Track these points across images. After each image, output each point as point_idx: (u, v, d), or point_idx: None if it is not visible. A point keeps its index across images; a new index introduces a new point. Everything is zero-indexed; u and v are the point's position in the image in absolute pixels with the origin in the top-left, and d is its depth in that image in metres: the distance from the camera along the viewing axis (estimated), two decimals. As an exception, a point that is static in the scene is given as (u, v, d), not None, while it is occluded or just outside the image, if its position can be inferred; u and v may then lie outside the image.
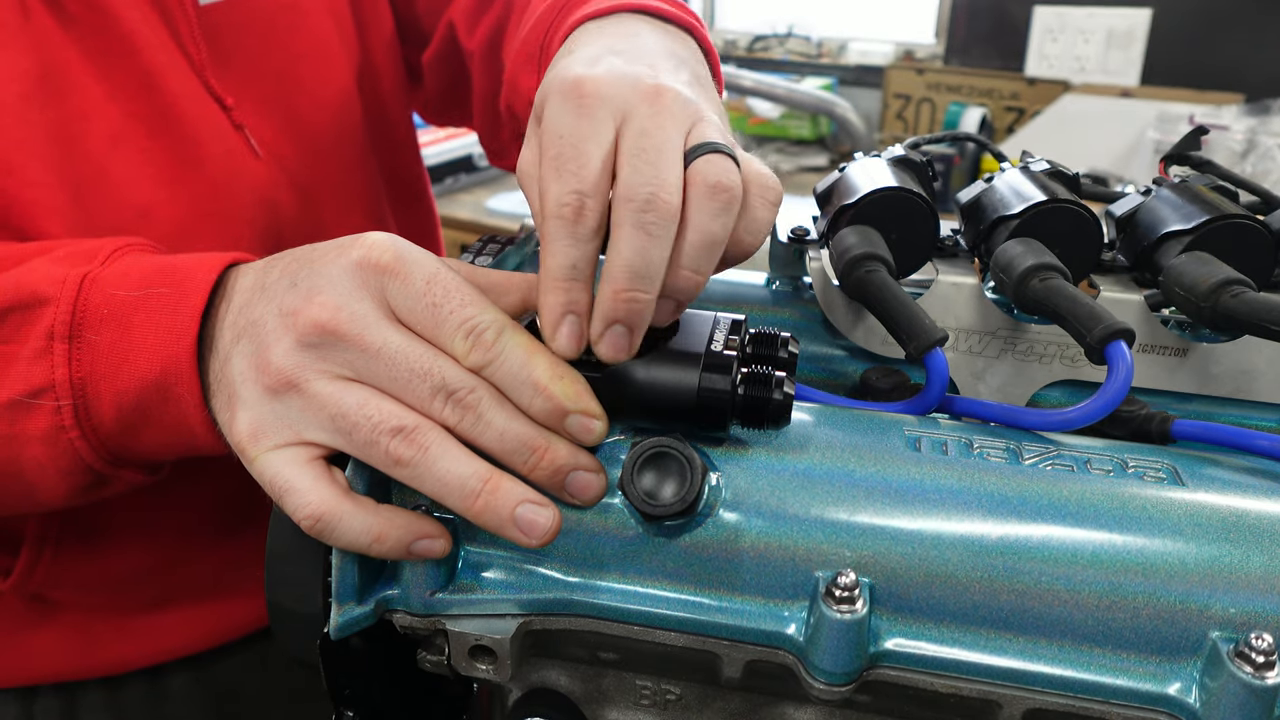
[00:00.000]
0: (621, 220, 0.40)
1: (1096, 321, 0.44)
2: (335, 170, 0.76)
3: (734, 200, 0.42)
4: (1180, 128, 2.00)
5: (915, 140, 0.65)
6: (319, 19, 0.73)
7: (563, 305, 0.40)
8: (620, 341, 0.40)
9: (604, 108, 0.42)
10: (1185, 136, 0.61)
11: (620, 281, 0.39)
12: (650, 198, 0.40)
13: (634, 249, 0.39)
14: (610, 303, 0.40)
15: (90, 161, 0.60)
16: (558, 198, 0.40)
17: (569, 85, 0.43)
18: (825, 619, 0.37)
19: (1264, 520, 0.39)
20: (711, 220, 0.41)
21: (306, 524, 0.41)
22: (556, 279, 0.40)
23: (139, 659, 0.73)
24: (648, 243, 0.39)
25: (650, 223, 0.39)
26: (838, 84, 2.71)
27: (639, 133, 0.41)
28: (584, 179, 0.40)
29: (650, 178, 0.40)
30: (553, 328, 0.41)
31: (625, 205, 0.40)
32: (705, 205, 0.41)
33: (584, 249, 0.40)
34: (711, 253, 0.41)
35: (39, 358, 0.48)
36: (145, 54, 0.62)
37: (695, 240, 0.41)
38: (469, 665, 0.43)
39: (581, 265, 0.40)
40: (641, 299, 0.40)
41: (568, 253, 0.40)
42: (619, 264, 0.39)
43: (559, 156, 0.41)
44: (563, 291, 0.40)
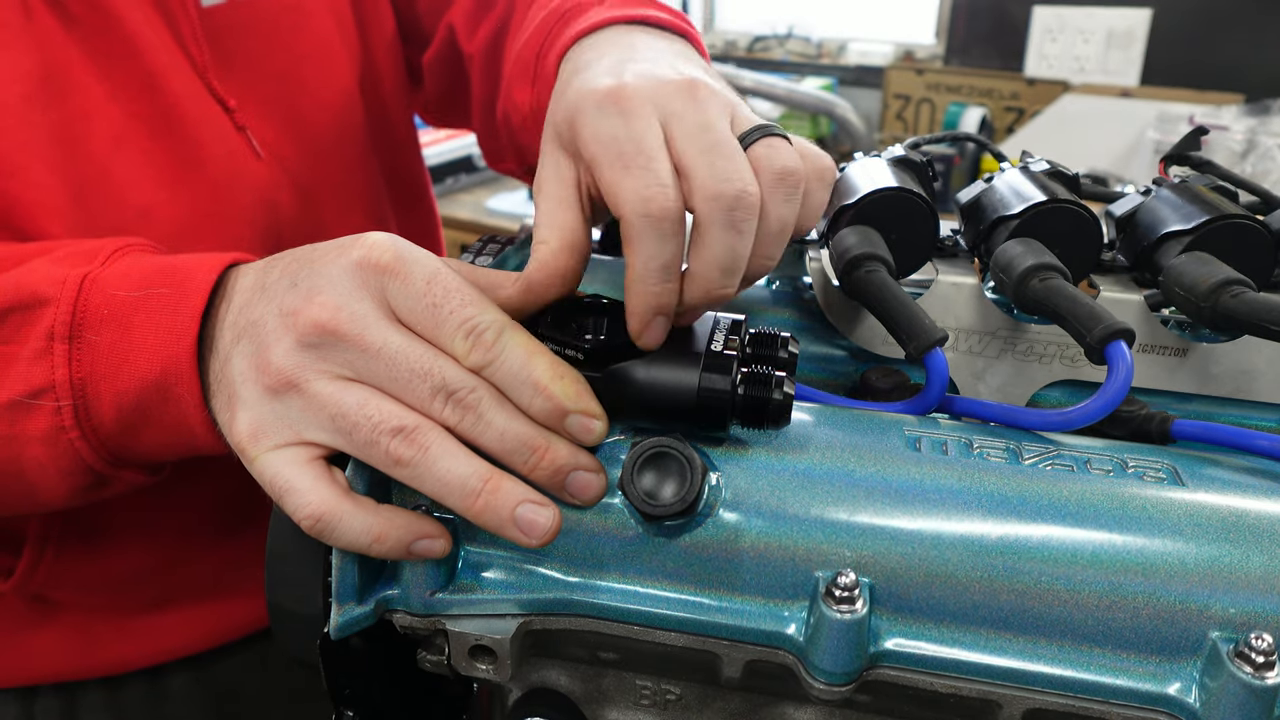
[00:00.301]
0: (711, 219, 0.40)
1: (1096, 321, 0.44)
2: (337, 171, 0.76)
3: (800, 183, 0.42)
4: (1180, 128, 2.00)
5: (915, 140, 0.65)
6: (321, 20, 0.73)
7: (654, 308, 0.41)
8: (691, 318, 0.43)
9: (646, 107, 0.42)
10: (1185, 137, 0.61)
11: (715, 281, 0.40)
12: (740, 194, 0.40)
13: (725, 247, 0.40)
14: (700, 296, 0.41)
15: (92, 162, 0.60)
16: (640, 194, 0.40)
17: (604, 95, 0.43)
18: (825, 619, 0.37)
19: (1264, 520, 0.39)
20: (784, 206, 0.42)
21: (307, 524, 0.41)
22: (649, 281, 0.40)
23: (139, 659, 0.73)
24: (738, 240, 0.40)
25: (741, 220, 0.40)
26: (838, 84, 2.71)
27: (698, 127, 0.41)
28: (659, 173, 0.40)
29: (732, 173, 0.40)
30: (641, 327, 0.41)
31: (713, 203, 0.40)
32: (777, 192, 0.42)
33: (673, 245, 0.41)
34: (785, 238, 0.42)
35: (39, 358, 0.48)
36: (148, 55, 0.62)
37: (772, 229, 0.42)
38: (469, 665, 0.43)
39: (672, 264, 0.41)
40: (730, 293, 0.41)
41: (659, 253, 0.40)
42: (712, 262, 0.40)
43: (622, 155, 0.41)
44: (655, 296, 0.41)
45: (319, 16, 0.73)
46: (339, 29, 0.75)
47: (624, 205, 0.40)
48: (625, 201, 0.40)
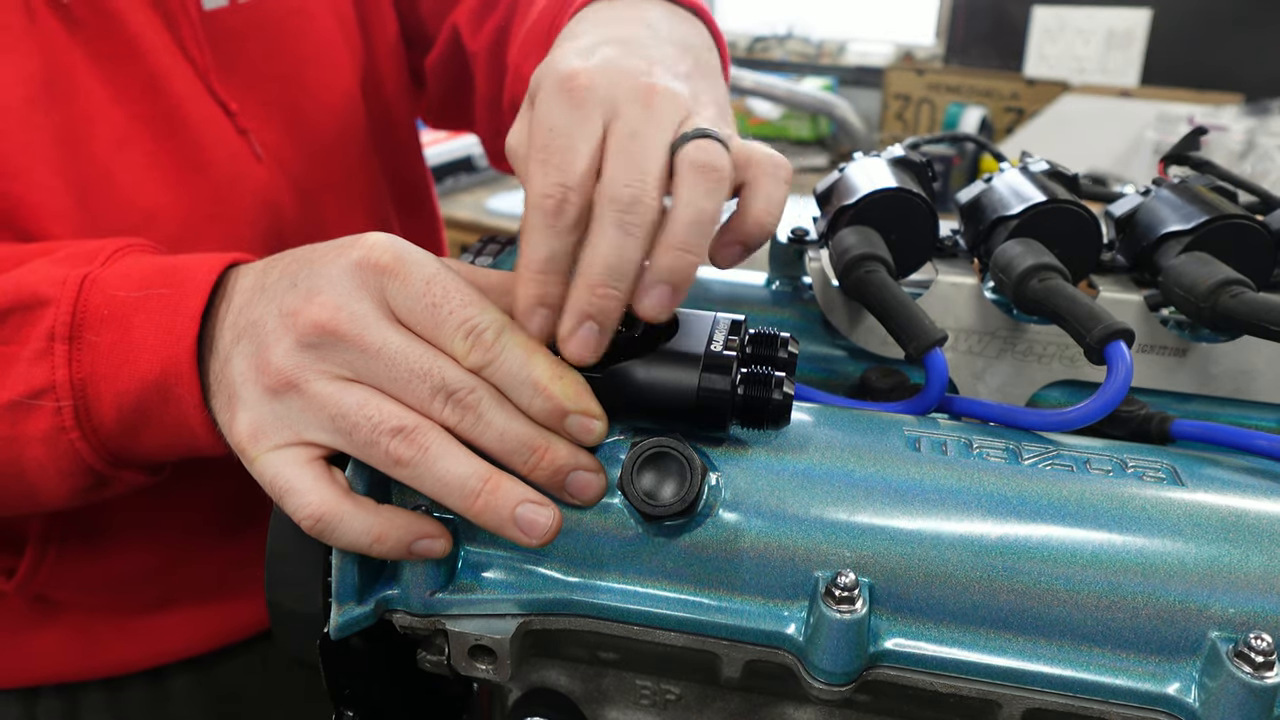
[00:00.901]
0: (602, 218, 0.40)
1: (1096, 321, 0.44)
2: (338, 173, 0.76)
3: (722, 180, 0.42)
4: (1179, 128, 2.01)
5: (915, 140, 0.66)
6: (324, 23, 0.73)
7: (536, 297, 0.41)
8: (590, 340, 0.40)
9: (594, 103, 0.42)
10: (1184, 137, 0.61)
11: (596, 277, 0.40)
12: (633, 199, 0.40)
13: (611, 246, 0.40)
14: (585, 297, 0.40)
15: (96, 164, 0.60)
16: (541, 189, 0.41)
17: (562, 77, 0.43)
18: (825, 619, 0.37)
19: (1263, 520, 0.39)
20: (702, 199, 0.41)
21: (307, 524, 0.41)
22: (532, 270, 0.41)
23: (141, 660, 0.73)
24: (625, 241, 0.40)
25: (630, 222, 0.40)
26: (837, 84, 2.71)
27: (628, 134, 0.42)
28: (568, 173, 0.41)
29: (634, 178, 0.40)
30: (525, 318, 0.41)
31: (608, 204, 0.40)
32: (694, 185, 0.41)
33: (562, 241, 0.41)
34: (702, 231, 0.41)
35: (39, 359, 0.48)
36: (150, 58, 0.62)
37: (685, 216, 0.41)
38: (469, 665, 0.43)
39: (559, 258, 0.41)
40: (616, 297, 0.40)
41: (546, 244, 0.41)
42: (596, 260, 0.40)
43: (546, 148, 0.42)
44: (537, 283, 0.41)
45: (321, 20, 0.73)
46: (342, 32, 0.75)
47: (530, 195, 0.41)
48: (530, 191, 0.41)
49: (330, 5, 0.74)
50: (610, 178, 0.41)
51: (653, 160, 0.41)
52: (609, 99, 0.42)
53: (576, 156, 0.41)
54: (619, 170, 0.41)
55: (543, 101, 0.43)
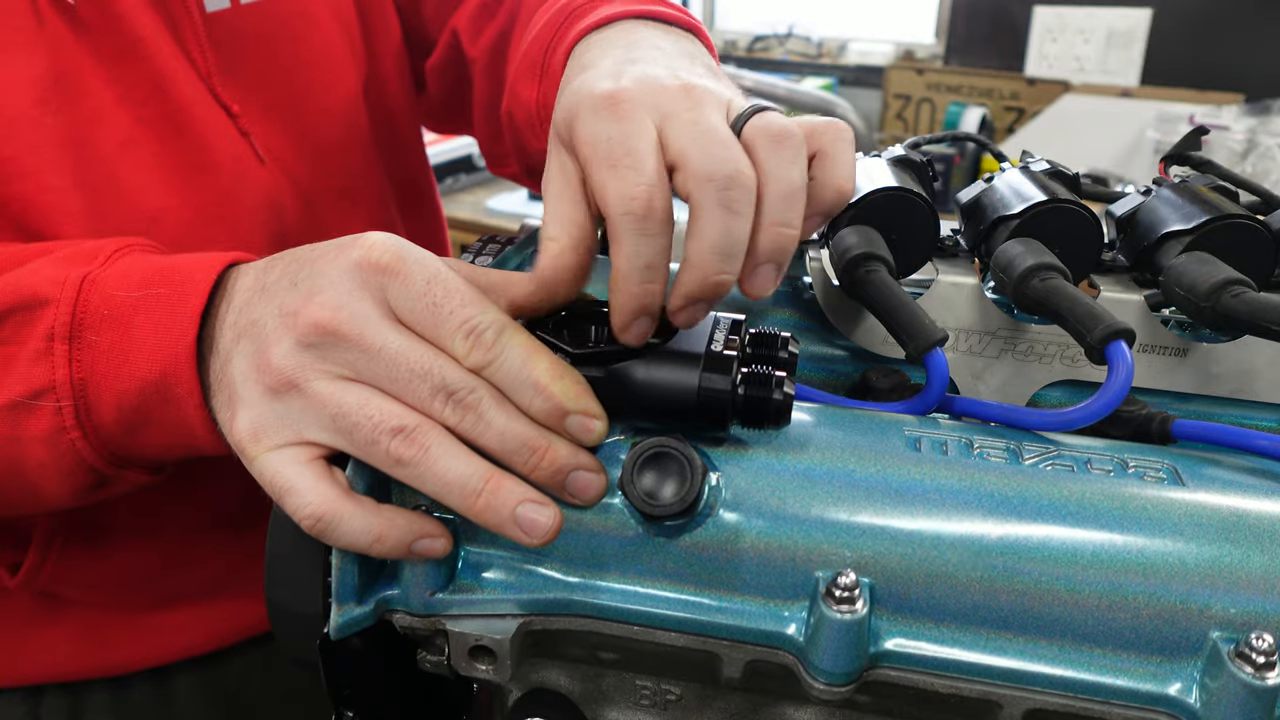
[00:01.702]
0: (704, 201, 0.40)
1: (1096, 321, 0.44)
2: (341, 176, 0.76)
3: (801, 145, 0.42)
4: (1180, 128, 2.01)
5: (915, 140, 0.65)
6: (326, 26, 0.73)
7: (636, 308, 0.41)
8: (697, 315, 0.41)
9: (640, 112, 0.42)
10: (1185, 136, 0.61)
11: (711, 265, 0.39)
12: (733, 174, 0.39)
13: (720, 229, 0.39)
14: (699, 285, 0.40)
15: (102, 165, 0.60)
16: (624, 193, 0.40)
17: (600, 100, 0.43)
18: (825, 619, 0.37)
19: (1264, 520, 0.39)
20: (789, 167, 0.41)
21: (307, 524, 0.41)
22: (631, 280, 0.40)
23: (145, 659, 0.73)
24: (733, 221, 0.39)
25: (735, 199, 0.39)
26: (838, 84, 2.71)
27: (690, 123, 0.41)
28: (645, 172, 0.40)
29: (725, 156, 0.40)
30: (624, 328, 0.41)
31: (706, 185, 0.39)
32: (776, 155, 0.41)
33: (657, 244, 0.40)
34: (795, 202, 0.41)
35: (39, 359, 0.48)
36: (155, 60, 0.62)
37: (777, 191, 0.41)
38: (469, 665, 0.43)
39: (656, 263, 0.40)
40: (728, 280, 0.40)
41: (642, 252, 0.40)
42: (707, 246, 0.39)
43: (611, 156, 0.41)
44: (637, 296, 0.40)
45: (324, 23, 0.73)
46: (344, 35, 0.75)
47: (609, 204, 0.40)
48: (610, 200, 0.40)
49: (333, 8, 0.74)
50: (697, 161, 0.40)
51: (730, 137, 0.41)
52: (653, 105, 0.42)
53: (647, 156, 0.40)
54: (707, 152, 0.40)
55: (585, 124, 0.43)
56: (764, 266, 0.41)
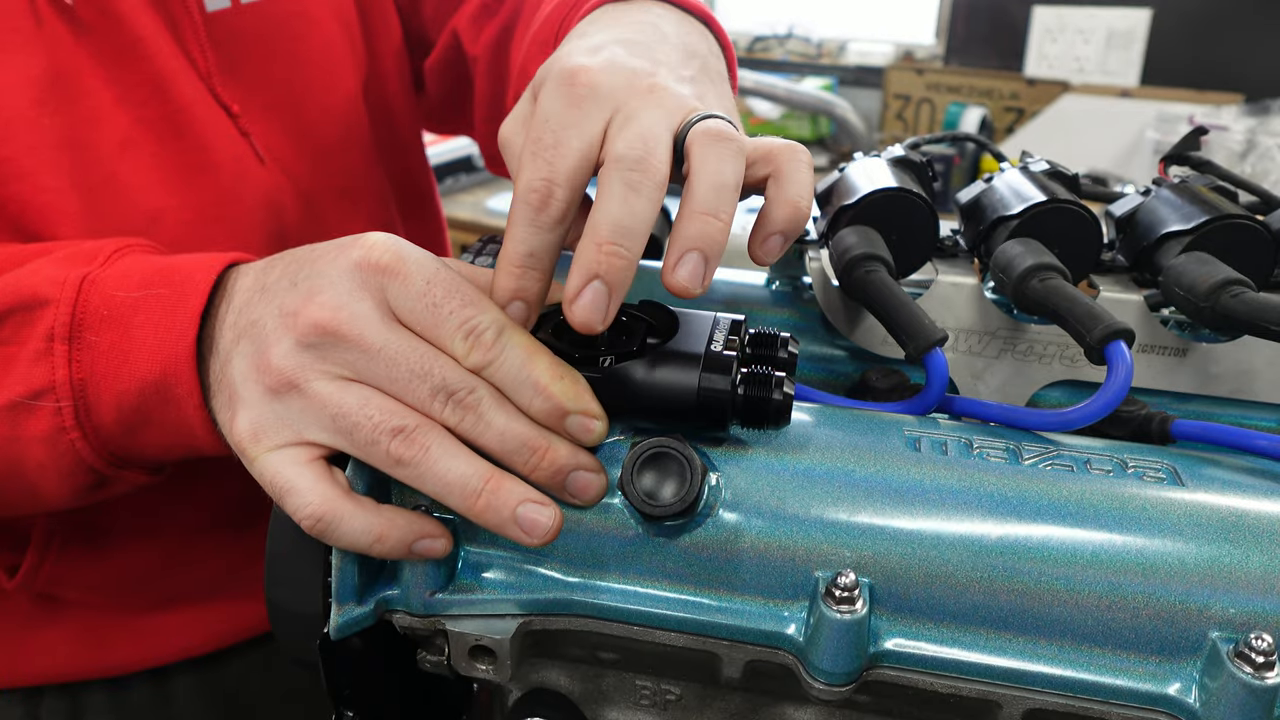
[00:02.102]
0: (608, 179, 0.40)
1: (1096, 321, 0.44)
2: (341, 176, 0.76)
3: (738, 150, 0.42)
4: (1180, 128, 2.01)
5: (915, 140, 0.65)
6: (326, 26, 0.73)
7: (512, 291, 0.41)
8: (599, 300, 0.39)
9: (595, 100, 0.42)
10: (1185, 137, 0.61)
11: (603, 234, 0.39)
12: (639, 158, 0.40)
13: (618, 203, 0.39)
14: (593, 255, 0.39)
15: (101, 166, 0.60)
16: (527, 182, 0.41)
17: (565, 73, 0.43)
18: (825, 619, 0.37)
19: (1264, 520, 0.39)
20: (719, 162, 0.41)
21: (307, 524, 0.41)
22: (511, 263, 0.41)
23: (143, 660, 0.73)
24: (633, 198, 0.39)
25: (637, 180, 0.39)
26: (838, 84, 2.71)
27: (627, 116, 0.42)
28: (556, 168, 0.41)
29: (639, 144, 0.40)
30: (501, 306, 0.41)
31: (614, 165, 0.40)
32: (708, 150, 0.41)
33: (544, 237, 0.41)
34: (725, 194, 0.41)
35: (39, 359, 0.48)
36: (155, 60, 0.62)
37: (705, 181, 0.41)
38: (469, 665, 0.43)
39: (540, 253, 0.41)
40: (624, 255, 0.39)
41: (526, 239, 0.41)
42: (602, 217, 0.39)
43: (538, 141, 0.41)
44: (515, 276, 0.41)
45: (324, 23, 0.73)
46: (345, 35, 0.75)
47: (517, 188, 0.41)
48: (518, 182, 0.41)
49: (333, 8, 0.74)
50: (613, 146, 0.41)
51: (658, 130, 0.41)
52: (610, 97, 0.42)
53: (568, 152, 0.41)
54: (622, 139, 0.41)
55: (545, 95, 0.43)
56: (689, 255, 0.39)
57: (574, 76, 0.43)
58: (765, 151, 0.45)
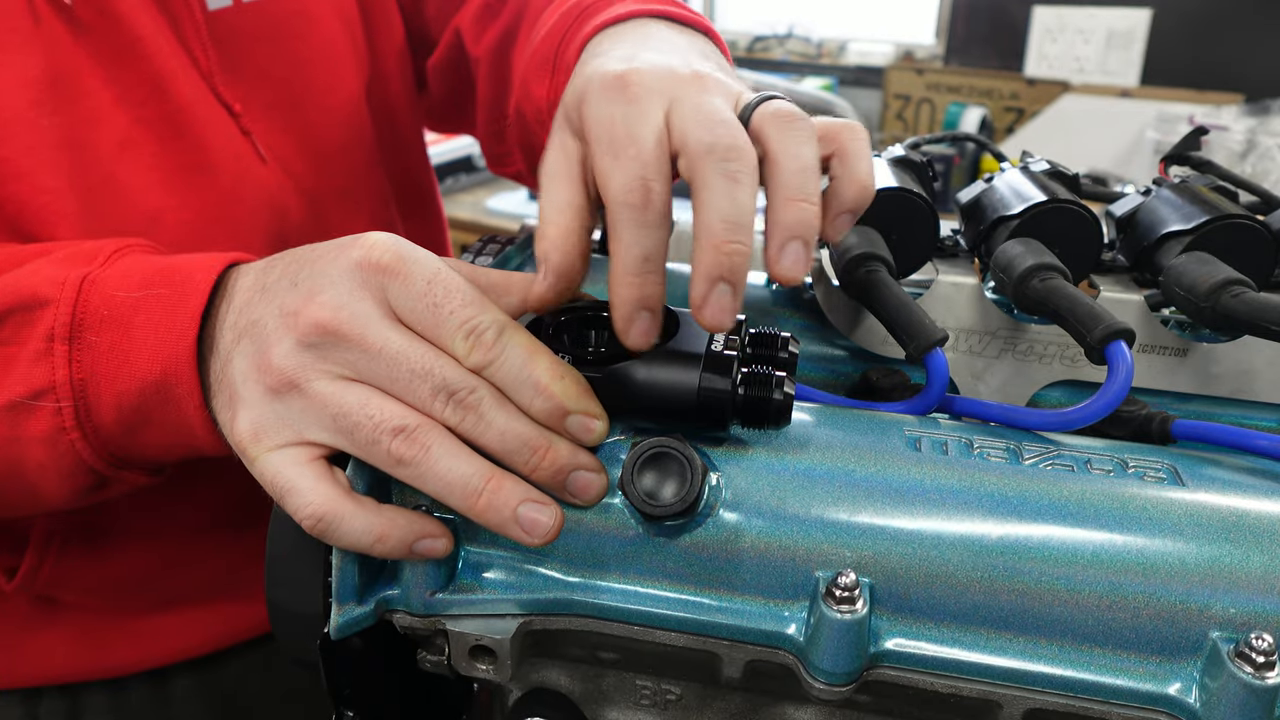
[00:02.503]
0: (705, 174, 0.39)
1: (1096, 321, 0.44)
2: (342, 176, 0.76)
3: (810, 128, 0.42)
4: (1180, 128, 2.01)
5: (915, 140, 0.66)
6: (328, 25, 0.73)
7: (636, 300, 0.40)
8: (726, 303, 0.38)
9: (650, 96, 0.42)
10: (1185, 137, 0.61)
11: (719, 233, 0.38)
12: (731, 144, 0.39)
13: (725, 198, 0.39)
14: (713, 258, 0.38)
15: (100, 166, 0.60)
16: (622, 184, 0.39)
17: (611, 80, 0.43)
18: (825, 619, 0.37)
19: (1264, 520, 0.39)
20: (800, 145, 0.41)
21: (308, 524, 0.41)
22: (629, 272, 0.39)
23: (143, 661, 0.73)
24: (737, 189, 0.39)
25: (736, 170, 0.39)
26: (838, 84, 2.71)
27: (694, 107, 0.41)
28: (645, 161, 0.40)
29: (723, 132, 0.40)
30: (626, 323, 0.40)
31: (705, 158, 0.39)
32: (785, 135, 0.41)
33: (655, 236, 0.40)
34: (811, 176, 0.41)
35: (39, 359, 0.48)
36: (155, 60, 0.62)
37: (791, 166, 0.40)
38: (469, 665, 0.43)
39: (654, 255, 0.40)
40: (743, 250, 0.38)
41: (639, 243, 0.39)
42: (714, 216, 0.38)
43: (614, 142, 0.41)
44: (636, 286, 0.40)
45: (326, 22, 0.73)
46: (347, 34, 0.75)
47: (608, 192, 0.40)
48: (610, 189, 0.40)
49: (335, 7, 0.74)
50: (696, 137, 0.40)
51: (726, 113, 0.41)
52: (663, 91, 0.42)
53: (647, 145, 0.40)
54: (705, 129, 0.40)
55: (593, 106, 0.42)
56: (791, 244, 0.39)
57: (623, 79, 0.42)
58: (825, 130, 0.45)
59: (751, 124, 0.42)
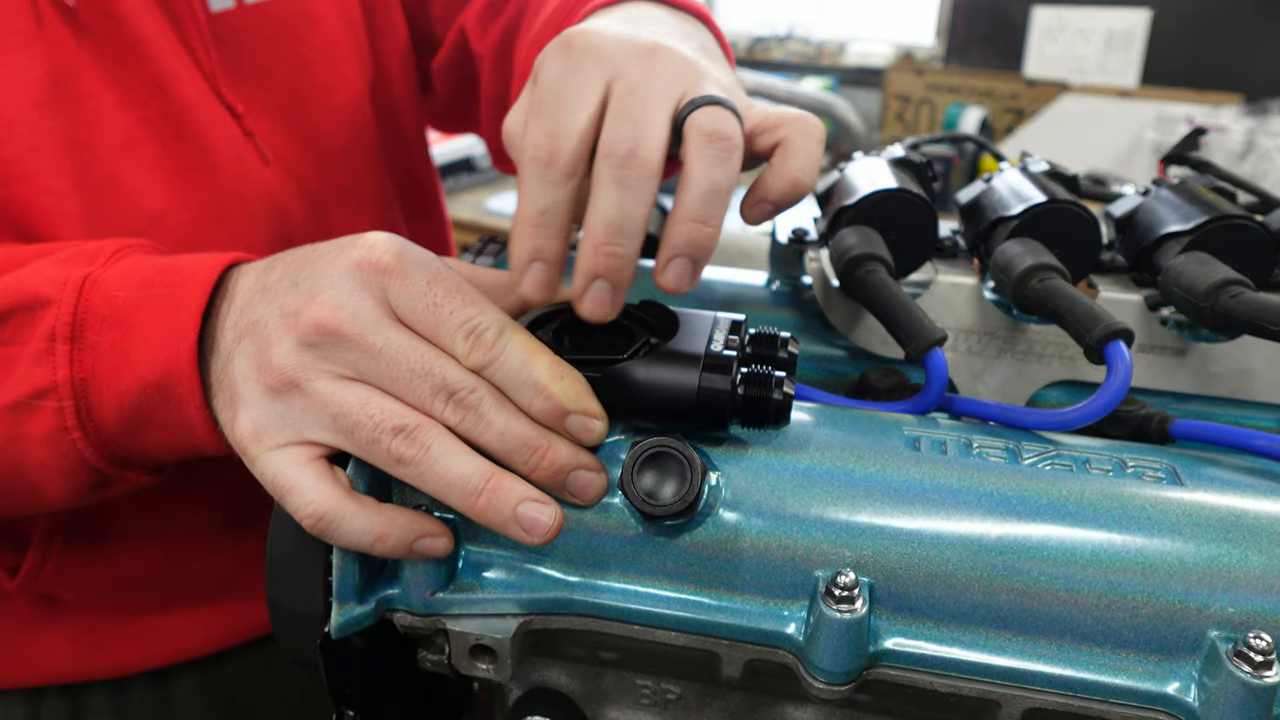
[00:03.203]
0: (599, 176, 0.40)
1: (1095, 321, 0.44)
2: (345, 176, 0.76)
3: (732, 148, 0.42)
4: (1179, 128, 2.01)
5: (915, 141, 0.66)
6: (331, 26, 0.73)
7: (530, 251, 0.41)
8: (602, 298, 0.40)
9: (594, 62, 0.42)
10: (1184, 137, 0.61)
11: (599, 235, 0.40)
12: (628, 153, 0.40)
13: (610, 203, 0.40)
14: (590, 257, 0.40)
15: (102, 167, 0.60)
16: (532, 140, 0.41)
17: (562, 41, 0.43)
18: (825, 618, 0.37)
19: (1262, 520, 0.39)
20: (711, 168, 0.41)
21: (308, 523, 0.41)
22: (525, 223, 0.41)
23: (144, 661, 0.73)
24: (624, 196, 0.40)
25: (626, 177, 0.40)
26: (838, 85, 2.71)
27: (626, 89, 0.42)
28: (560, 123, 0.41)
29: (629, 134, 0.40)
30: (520, 273, 0.41)
31: (603, 161, 0.40)
32: (703, 154, 0.41)
33: (555, 193, 0.41)
34: (716, 201, 0.41)
35: (41, 359, 0.48)
36: (157, 61, 0.62)
37: (697, 190, 0.41)
38: (469, 665, 0.43)
39: (553, 210, 0.41)
40: (620, 254, 0.40)
41: (538, 197, 0.41)
42: (596, 218, 0.40)
43: (541, 103, 0.42)
44: (530, 236, 0.41)
45: (328, 22, 0.73)
46: (350, 35, 0.75)
47: (523, 149, 0.41)
48: (526, 143, 0.41)
49: (338, 8, 0.74)
50: (606, 134, 0.41)
51: (652, 113, 0.41)
52: (610, 58, 0.42)
53: (570, 109, 0.41)
54: (614, 125, 0.41)
55: (544, 65, 0.43)
56: (677, 260, 0.41)
57: (570, 40, 0.43)
58: (777, 121, 0.45)
59: (684, 128, 0.42)
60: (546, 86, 0.42)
